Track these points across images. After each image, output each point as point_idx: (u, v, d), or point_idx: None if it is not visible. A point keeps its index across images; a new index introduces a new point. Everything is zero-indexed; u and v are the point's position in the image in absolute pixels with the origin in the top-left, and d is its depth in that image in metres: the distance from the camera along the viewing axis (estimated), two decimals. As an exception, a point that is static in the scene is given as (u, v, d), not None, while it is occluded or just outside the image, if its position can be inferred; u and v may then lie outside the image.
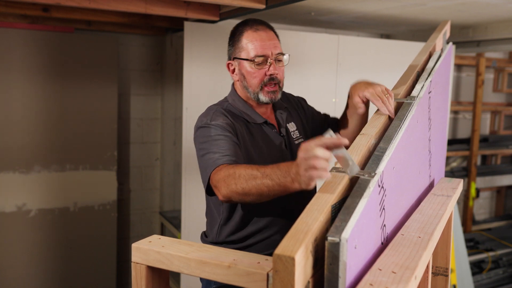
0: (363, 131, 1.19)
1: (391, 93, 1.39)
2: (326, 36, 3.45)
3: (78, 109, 3.39)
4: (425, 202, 1.35)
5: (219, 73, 3.01)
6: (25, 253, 3.31)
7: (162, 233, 3.83)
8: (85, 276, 3.49)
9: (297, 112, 1.74)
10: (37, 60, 3.24)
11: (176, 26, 3.36)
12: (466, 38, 3.74)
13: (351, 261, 0.82)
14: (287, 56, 1.59)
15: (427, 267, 1.17)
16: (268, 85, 1.55)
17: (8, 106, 3.20)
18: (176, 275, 3.31)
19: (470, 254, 4.39)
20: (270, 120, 1.64)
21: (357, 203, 0.88)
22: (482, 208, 5.78)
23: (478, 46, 3.88)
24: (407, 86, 1.51)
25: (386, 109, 1.34)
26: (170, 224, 3.53)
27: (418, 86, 1.46)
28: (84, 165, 3.45)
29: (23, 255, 3.31)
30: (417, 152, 1.34)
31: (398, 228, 1.14)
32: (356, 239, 0.84)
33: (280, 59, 1.57)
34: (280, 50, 1.57)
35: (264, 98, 1.56)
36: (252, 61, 1.53)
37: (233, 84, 1.66)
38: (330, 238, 0.80)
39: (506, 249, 4.71)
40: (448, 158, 5.27)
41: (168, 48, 3.66)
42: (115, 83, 3.49)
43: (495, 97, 5.68)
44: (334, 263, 0.80)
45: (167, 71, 3.70)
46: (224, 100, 1.65)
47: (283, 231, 1.56)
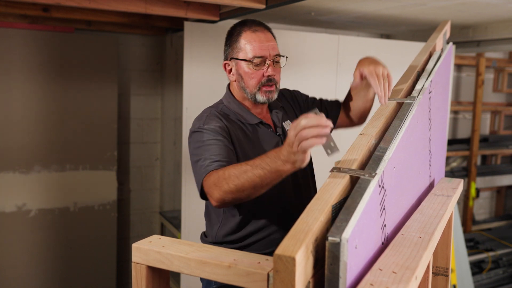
0: (363, 131, 1.19)
1: (391, 79, 1.42)
2: (326, 36, 3.45)
3: (78, 109, 3.39)
4: (425, 202, 1.35)
5: (219, 73, 3.01)
6: (25, 253, 3.31)
7: (162, 233, 3.83)
8: (85, 276, 3.49)
9: (292, 108, 1.75)
10: (37, 60, 3.24)
11: (176, 26, 3.36)
12: (466, 38, 3.74)
13: (351, 261, 0.82)
14: (284, 58, 1.60)
15: (428, 267, 1.17)
16: (265, 85, 1.55)
17: (8, 106, 3.20)
18: (176, 275, 3.31)
19: (470, 254, 4.39)
20: (266, 120, 1.64)
21: (357, 203, 0.88)
22: (482, 208, 5.78)
23: (478, 46, 3.88)
24: (408, 86, 1.51)
25: (379, 89, 1.38)
26: (170, 224, 3.53)
27: (419, 86, 1.46)
28: (84, 165, 3.45)
29: (23, 255, 3.31)
30: (417, 152, 1.34)
31: (399, 228, 1.14)
32: (356, 239, 0.84)
33: (277, 60, 1.57)
34: (278, 51, 1.57)
35: (261, 98, 1.56)
36: (250, 61, 1.53)
37: (228, 86, 1.67)
38: (330, 238, 0.80)
39: (506, 249, 4.71)
40: (448, 158, 5.28)
41: (168, 48, 3.66)
42: (115, 83, 3.49)
43: (495, 97, 5.68)
44: (335, 263, 0.80)
45: (167, 71, 3.70)
46: (219, 102, 1.66)
47: (281, 230, 1.57)
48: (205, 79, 3.00)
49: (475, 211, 5.64)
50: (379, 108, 1.35)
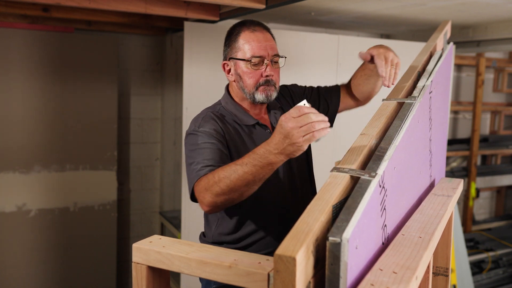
0: (364, 131, 1.19)
1: (399, 66, 1.44)
2: (326, 36, 3.45)
3: (78, 109, 3.39)
4: (425, 202, 1.35)
5: (219, 73, 3.01)
6: (25, 253, 3.31)
7: (162, 233, 3.83)
8: (85, 276, 3.49)
9: (291, 106, 1.72)
10: (37, 60, 3.24)
11: (176, 26, 3.36)
12: (466, 38, 3.74)
13: (352, 261, 0.82)
14: (283, 59, 1.59)
15: (428, 267, 1.17)
16: (264, 86, 1.54)
17: (8, 106, 3.20)
18: (176, 275, 3.31)
19: (470, 254, 4.39)
20: (263, 120, 1.63)
21: (358, 203, 0.88)
22: (482, 208, 5.78)
23: (478, 46, 3.88)
24: (408, 86, 1.51)
25: (384, 71, 1.39)
26: (170, 224, 3.53)
27: (419, 86, 1.46)
28: (84, 165, 3.45)
29: (23, 255, 3.31)
30: (418, 152, 1.34)
31: (399, 228, 1.14)
32: (357, 239, 0.84)
33: (276, 60, 1.57)
34: (276, 52, 1.57)
35: (260, 96, 1.55)
36: (248, 61, 1.53)
37: (226, 87, 1.66)
38: (331, 238, 0.80)
39: (506, 249, 4.71)
40: (448, 158, 5.28)
41: (168, 48, 3.66)
42: (115, 83, 3.49)
43: (495, 97, 5.68)
44: (335, 263, 0.80)
45: (167, 71, 3.70)
46: (217, 103, 1.65)
47: (279, 231, 1.57)
48: (205, 79, 3.00)
49: (475, 211, 5.64)
50: (379, 108, 1.35)
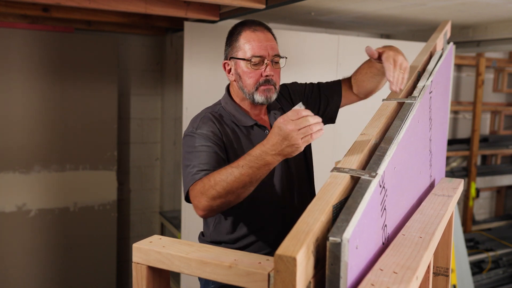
0: (364, 131, 1.19)
1: (407, 71, 1.39)
2: (326, 36, 3.45)
3: (78, 109, 3.39)
4: (426, 202, 1.35)
5: (219, 73, 3.01)
6: (25, 253, 3.31)
7: (162, 233, 3.83)
8: (85, 276, 3.49)
9: (291, 106, 1.70)
10: (37, 60, 3.24)
11: (176, 26, 3.36)
12: (466, 38, 3.74)
13: (352, 261, 0.82)
14: (284, 59, 1.59)
15: (428, 267, 1.17)
16: (263, 85, 1.53)
17: (8, 106, 3.20)
18: (176, 275, 3.31)
19: (470, 254, 4.39)
20: (262, 121, 1.62)
21: (358, 203, 0.88)
22: (482, 208, 5.78)
23: (478, 46, 3.88)
24: (408, 86, 1.51)
25: (392, 76, 1.35)
26: (170, 224, 3.53)
27: (419, 86, 1.46)
28: (84, 165, 3.45)
29: (23, 255, 3.31)
30: (418, 152, 1.34)
31: (399, 228, 1.14)
32: (357, 239, 0.84)
33: (276, 61, 1.55)
34: (277, 52, 1.56)
35: (259, 97, 1.53)
36: (248, 61, 1.52)
37: (227, 87, 1.66)
38: (331, 238, 0.80)
39: (506, 249, 4.71)
40: (448, 158, 5.28)
41: (168, 48, 3.66)
42: (115, 83, 3.49)
43: (495, 97, 5.68)
44: (336, 263, 0.80)
45: (167, 71, 3.70)
46: (217, 103, 1.65)
47: (277, 231, 1.56)
48: (205, 79, 3.00)
49: (475, 211, 5.64)
50: (379, 108, 1.35)
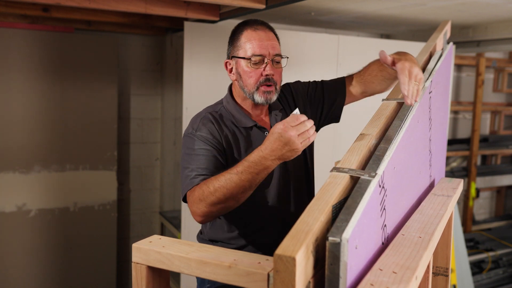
0: (363, 131, 1.19)
1: (422, 83, 1.33)
2: (326, 36, 3.45)
3: (78, 109, 3.39)
4: (425, 202, 1.35)
5: (219, 73, 3.01)
6: (25, 253, 3.31)
7: (162, 233, 3.83)
8: (85, 276, 3.49)
9: (295, 107, 1.68)
10: (37, 60, 3.24)
11: (176, 26, 3.36)
12: (466, 38, 3.74)
13: (352, 261, 0.82)
14: (285, 59, 1.57)
15: (428, 267, 1.17)
16: (263, 85, 1.51)
17: (8, 106, 3.20)
18: (176, 275, 3.31)
19: (470, 254, 4.39)
20: (263, 123, 1.60)
21: (357, 203, 0.88)
22: (482, 208, 5.78)
23: (478, 46, 3.88)
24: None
25: (406, 89, 1.29)
26: (170, 224, 3.53)
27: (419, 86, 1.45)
28: (84, 165, 3.45)
29: (23, 255, 3.31)
30: (417, 152, 1.34)
31: (399, 228, 1.14)
32: (357, 239, 0.84)
33: (278, 60, 1.53)
34: (278, 51, 1.54)
35: (259, 98, 1.52)
36: (249, 60, 1.51)
37: (229, 86, 1.65)
38: (331, 238, 0.80)
39: (506, 249, 4.71)
40: (448, 158, 5.28)
41: (168, 48, 3.66)
42: (115, 83, 3.49)
43: (495, 97, 5.68)
44: (335, 263, 0.80)
45: (167, 71, 3.70)
46: (219, 102, 1.64)
47: (273, 232, 1.57)
48: (205, 79, 3.00)
49: (475, 211, 5.64)
50: (379, 108, 1.35)
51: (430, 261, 1.20)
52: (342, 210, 0.87)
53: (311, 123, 1.25)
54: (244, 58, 1.52)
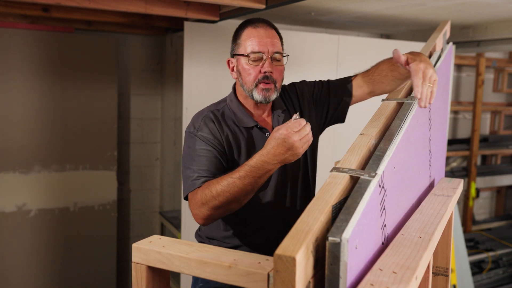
0: (363, 131, 1.19)
1: (436, 85, 1.29)
2: (326, 36, 3.45)
3: (78, 109, 3.39)
4: (425, 202, 1.35)
5: (219, 73, 3.02)
6: (25, 253, 3.31)
7: (162, 233, 3.83)
8: (85, 276, 3.49)
9: (299, 109, 1.66)
10: (37, 60, 3.24)
11: (176, 26, 3.36)
12: (466, 38, 3.74)
13: (352, 261, 0.82)
14: (286, 57, 1.56)
15: (428, 267, 1.17)
16: (262, 82, 1.49)
17: (8, 106, 3.20)
18: (176, 275, 3.31)
19: (470, 254, 4.39)
20: (265, 123, 1.59)
21: (357, 203, 0.88)
22: (482, 208, 5.78)
23: (478, 46, 3.88)
24: (408, 86, 1.51)
25: (419, 92, 1.25)
26: (170, 224, 3.53)
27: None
28: (84, 165, 3.45)
29: (23, 255, 3.31)
30: (417, 152, 1.34)
31: (399, 228, 1.14)
32: (357, 239, 0.84)
33: (278, 58, 1.51)
34: (278, 49, 1.52)
35: (258, 96, 1.50)
36: (247, 57, 1.50)
37: (234, 84, 1.64)
38: (331, 238, 0.80)
39: (506, 249, 4.71)
40: (448, 158, 5.28)
41: (168, 48, 3.66)
42: (115, 83, 3.49)
43: (495, 97, 5.68)
44: (335, 263, 0.80)
45: (167, 71, 3.70)
46: (223, 100, 1.63)
47: (268, 233, 1.57)
48: (205, 79, 3.00)
49: (475, 211, 5.64)
50: (379, 108, 1.35)
51: (430, 261, 1.20)
52: (342, 210, 0.87)
53: (309, 127, 1.28)
54: (243, 56, 1.51)
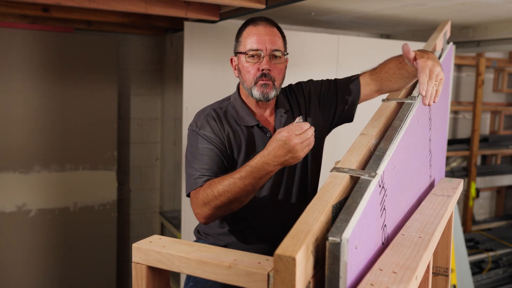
0: (363, 131, 1.19)
1: (442, 84, 1.28)
2: (326, 36, 3.45)
3: (78, 109, 3.39)
4: (425, 202, 1.35)
5: (219, 73, 3.02)
6: (25, 253, 3.31)
7: (162, 233, 3.83)
8: (85, 276, 3.49)
9: (305, 109, 1.64)
10: (37, 60, 3.24)
11: (176, 26, 3.36)
12: (466, 38, 3.74)
13: (352, 261, 0.82)
14: (286, 56, 1.55)
15: (428, 267, 1.17)
16: (260, 80, 1.49)
17: (8, 106, 3.20)
18: (176, 275, 3.31)
19: (470, 254, 4.39)
20: (267, 123, 1.58)
21: (357, 203, 0.88)
22: (482, 208, 5.78)
23: (478, 46, 3.88)
24: (408, 86, 1.51)
25: (425, 89, 1.23)
26: (170, 224, 3.53)
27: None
28: (84, 165, 3.45)
29: (23, 255, 3.31)
30: (417, 152, 1.34)
31: (399, 228, 1.14)
32: (357, 239, 0.84)
33: (277, 55, 1.50)
34: (278, 47, 1.50)
35: (256, 93, 1.50)
36: (246, 54, 1.50)
37: (238, 83, 1.63)
38: (331, 238, 0.80)
39: (506, 249, 4.71)
40: (448, 158, 5.28)
41: (168, 48, 3.66)
42: (115, 83, 3.49)
43: (495, 97, 5.68)
44: (335, 263, 0.80)
45: (167, 71, 3.70)
46: (227, 98, 1.63)
47: (264, 231, 1.57)
48: (205, 79, 3.00)
49: (475, 211, 5.64)
50: (379, 108, 1.35)
51: (430, 261, 1.20)
52: (342, 210, 0.87)
53: (312, 131, 1.29)
54: (242, 53, 1.52)
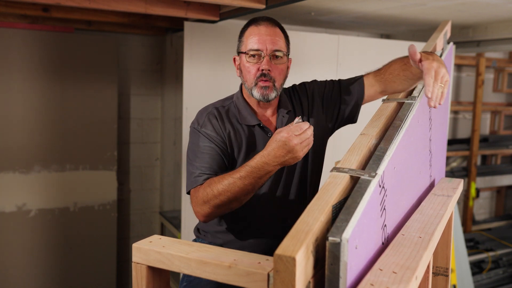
0: (363, 131, 1.19)
1: (447, 87, 1.27)
2: (326, 36, 3.45)
3: (78, 109, 3.39)
4: (425, 202, 1.35)
5: (219, 73, 3.02)
6: (25, 253, 3.31)
7: (162, 233, 3.83)
8: (85, 276, 3.49)
9: (308, 109, 1.63)
10: (37, 60, 3.24)
11: (176, 26, 3.36)
12: (466, 38, 3.74)
13: (352, 261, 0.82)
14: (288, 56, 1.55)
15: (428, 267, 1.17)
16: (260, 80, 1.49)
17: (8, 106, 3.20)
18: (176, 275, 3.31)
19: (470, 254, 4.39)
20: (268, 123, 1.58)
21: (358, 203, 0.88)
22: (482, 208, 5.78)
23: (478, 46, 3.88)
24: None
25: (430, 91, 1.22)
26: (170, 224, 3.53)
27: (419, 86, 1.46)
28: (84, 165, 3.45)
29: (23, 255, 3.31)
30: (417, 152, 1.34)
31: (399, 228, 1.14)
32: (357, 239, 0.84)
33: (278, 55, 1.49)
34: (279, 47, 1.49)
35: (256, 94, 1.50)
36: (246, 54, 1.50)
37: (241, 82, 1.63)
38: (331, 238, 0.80)
39: (506, 249, 4.71)
40: (448, 158, 5.28)
41: (168, 48, 3.66)
42: (115, 83, 3.49)
43: (495, 97, 5.68)
44: (335, 263, 0.80)
45: (167, 71, 3.70)
46: (230, 96, 1.63)
47: (261, 230, 1.58)
48: (205, 79, 3.00)
49: (475, 211, 5.64)
50: (379, 108, 1.35)
51: (430, 261, 1.20)
52: (342, 210, 0.87)
53: (311, 131, 1.30)
54: (243, 53, 1.52)
